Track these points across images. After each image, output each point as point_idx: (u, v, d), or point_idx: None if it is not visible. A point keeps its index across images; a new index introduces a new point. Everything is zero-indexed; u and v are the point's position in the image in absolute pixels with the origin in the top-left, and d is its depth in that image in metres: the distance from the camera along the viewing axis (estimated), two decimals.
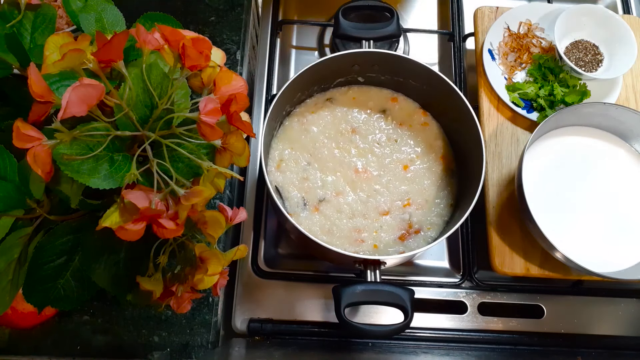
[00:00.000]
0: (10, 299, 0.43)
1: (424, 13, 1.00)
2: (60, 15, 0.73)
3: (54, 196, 0.42)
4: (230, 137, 0.40)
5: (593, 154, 0.77)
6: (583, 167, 0.76)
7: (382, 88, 0.81)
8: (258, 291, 0.77)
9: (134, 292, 0.45)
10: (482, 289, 0.78)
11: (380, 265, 0.64)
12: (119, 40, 0.36)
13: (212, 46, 0.42)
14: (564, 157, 0.77)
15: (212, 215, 0.41)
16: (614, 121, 0.76)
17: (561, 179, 0.75)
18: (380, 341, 0.77)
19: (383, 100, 0.80)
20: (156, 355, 0.64)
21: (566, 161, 0.76)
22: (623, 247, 0.72)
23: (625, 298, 0.78)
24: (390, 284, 0.62)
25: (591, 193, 0.74)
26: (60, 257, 0.43)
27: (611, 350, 0.77)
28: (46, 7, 0.48)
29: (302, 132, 0.77)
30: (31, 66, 0.34)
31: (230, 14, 0.80)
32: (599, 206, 0.74)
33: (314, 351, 0.76)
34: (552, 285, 0.79)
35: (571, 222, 0.73)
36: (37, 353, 0.64)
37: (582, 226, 0.73)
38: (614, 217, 0.73)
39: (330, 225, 0.72)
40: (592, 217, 0.73)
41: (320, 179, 0.74)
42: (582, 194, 0.74)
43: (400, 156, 0.77)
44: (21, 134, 0.34)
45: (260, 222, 0.80)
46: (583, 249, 0.71)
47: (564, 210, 0.73)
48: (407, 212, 0.74)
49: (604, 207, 0.74)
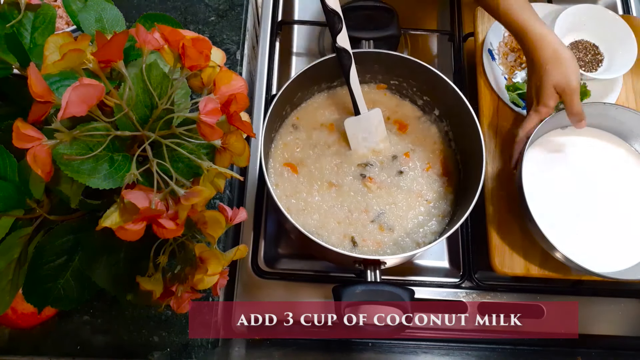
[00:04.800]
0: (10, 299, 0.43)
1: (424, 13, 1.00)
2: (60, 15, 0.73)
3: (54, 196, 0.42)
4: (230, 137, 0.40)
5: (593, 154, 0.77)
6: (583, 167, 0.76)
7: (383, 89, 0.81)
8: (258, 291, 0.77)
9: (134, 292, 0.45)
10: (482, 289, 0.78)
11: (380, 265, 0.64)
12: (119, 40, 0.36)
13: (212, 46, 0.42)
14: (564, 157, 0.77)
15: (212, 215, 0.41)
16: (613, 121, 0.76)
17: (561, 179, 0.75)
18: (380, 341, 0.77)
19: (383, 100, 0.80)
20: (156, 355, 0.64)
21: (566, 161, 0.76)
22: (623, 247, 0.72)
23: (625, 298, 0.78)
24: (390, 284, 0.62)
25: (591, 193, 0.75)
26: (60, 257, 0.43)
27: (611, 350, 0.77)
28: (46, 7, 0.48)
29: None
30: (31, 66, 0.34)
31: (230, 14, 0.80)
32: (599, 206, 0.74)
33: (314, 351, 0.76)
34: (552, 285, 0.79)
35: (571, 222, 0.73)
36: (37, 353, 0.65)
37: (582, 226, 0.73)
38: (614, 217, 0.73)
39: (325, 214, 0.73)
40: (592, 217, 0.73)
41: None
42: (582, 194, 0.74)
43: (399, 156, 0.77)
44: (21, 134, 0.34)
45: (260, 222, 0.80)
46: (583, 248, 0.71)
47: (564, 210, 0.73)
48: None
49: (604, 207, 0.74)
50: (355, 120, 0.74)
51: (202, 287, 0.45)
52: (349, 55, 0.70)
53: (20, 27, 0.46)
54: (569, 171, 0.76)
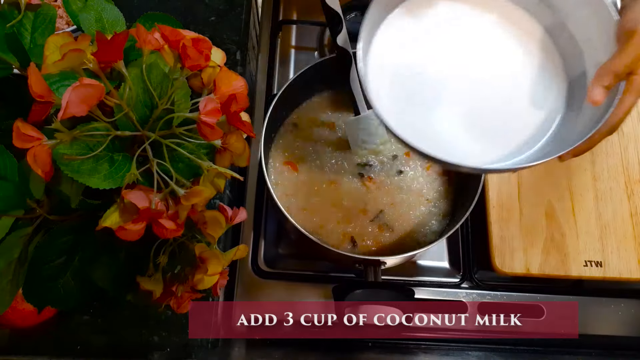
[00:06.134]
0: (10, 299, 0.43)
1: None
2: (60, 15, 0.73)
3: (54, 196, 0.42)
4: (230, 137, 0.40)
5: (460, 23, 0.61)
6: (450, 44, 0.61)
7: None
8: (258, 291, 0.77)
9: (134, 292, 0.45)
10: (482, 289, 0.78)
11: (380, 265, 0.64)
12: (119, 40, 0.36)
13: (212, 46, 0.42)
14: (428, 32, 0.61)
15: (212, 215, 0.41)
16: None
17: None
18: (380, 341, 0.77)
19: None
20: (156, 355, 0.64)
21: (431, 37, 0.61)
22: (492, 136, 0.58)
23: (625, 298, 0.79)
24: (390, 284, 0.62)
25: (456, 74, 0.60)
26: (60, 257, 0.43)
27: (611, 350, 0.77)
28: (46, 7, 0.48)
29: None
30: (31, 66, 0.34)
31: (230, 14, 0.80)
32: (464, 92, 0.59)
33: (314, 351, 0.76)
34: (552, 285, 0.79)
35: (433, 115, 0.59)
36: (37, 353, 0.64)
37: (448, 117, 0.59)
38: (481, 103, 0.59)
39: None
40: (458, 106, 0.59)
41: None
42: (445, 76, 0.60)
43: (399, 156, 0.77)
44: (21, 134, 0.34)
45: (260, 222, 0.80)
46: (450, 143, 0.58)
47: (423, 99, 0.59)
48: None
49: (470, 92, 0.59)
50: (355, 120, 0.74)
51: (202, 287, 0.45)
52: (349, 55, 0.70)
53: (20, 27, 0.46)
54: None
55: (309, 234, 0.63)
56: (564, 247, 0.76)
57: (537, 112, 0.59)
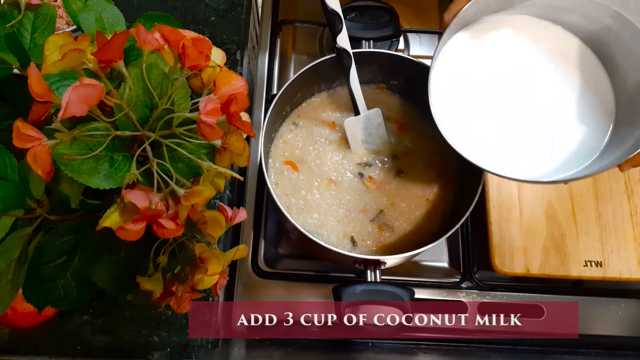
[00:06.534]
0: (10, 299, 0.43)
1: (424, 13, 1.00)
2: (60, 15, 0.73)
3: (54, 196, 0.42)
4: (230, 137, 0.40)
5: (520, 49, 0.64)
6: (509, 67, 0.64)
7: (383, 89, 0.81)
8: (258, 291, 0.77)
9: (134, 292, 0.45)
10: (482, 289, 0.78)
11: (380, 265, 0.64)
12: (119, 40, 0.36)
13: (212, 46, 0.42)
14: (489, 55, 0.65)
15: (212, 215, 0.41)
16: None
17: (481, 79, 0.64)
18: (380, 341, 0.77)
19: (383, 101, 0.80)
20: (156, 355, 0.64)
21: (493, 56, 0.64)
22: (540, 152, 0.62)
23: (625, 298, 0.79)
24: (390, 284, 0.62)
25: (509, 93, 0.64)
26: (60, 257, 0.43)
27: (611, 350, 0.77)
28: (46, 7, 0.48)
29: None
30: (31, 66, 0.34)
31: (230, 14, 0.80)
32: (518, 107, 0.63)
33: (314, 351, 0.76)
34: (552, 285, 0.79)
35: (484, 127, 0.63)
36: (37, 353, 0.64)
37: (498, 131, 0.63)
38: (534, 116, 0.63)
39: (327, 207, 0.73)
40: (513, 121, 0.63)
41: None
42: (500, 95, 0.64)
43: (399, 156, 0.77)
44: (21, 134, 0.34)
45: (260, 222, 0.81)
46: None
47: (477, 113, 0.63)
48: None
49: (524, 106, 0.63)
50: (355, 120, 0.74)
51: (202, 287, 0.45)
52: (349, 55, 0.70)
53: (20, 27, 0.46)
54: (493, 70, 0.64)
55: (309, 234, 0.63)
56: (564, 247, 0.76)
57: (587, 129, 0.62)
